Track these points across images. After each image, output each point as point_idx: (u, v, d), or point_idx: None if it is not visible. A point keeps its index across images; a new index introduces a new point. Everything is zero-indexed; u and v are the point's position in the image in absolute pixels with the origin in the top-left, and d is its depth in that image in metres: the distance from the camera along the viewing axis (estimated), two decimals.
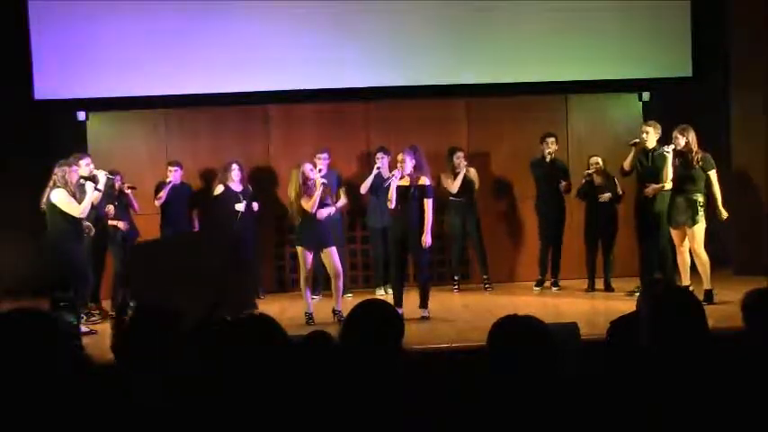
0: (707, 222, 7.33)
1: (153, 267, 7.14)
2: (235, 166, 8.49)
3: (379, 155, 8.52)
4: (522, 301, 8.06)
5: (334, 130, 9.23)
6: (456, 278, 8.96)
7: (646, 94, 9.38)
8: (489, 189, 9.32)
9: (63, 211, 7.03)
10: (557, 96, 9.37)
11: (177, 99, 8.87)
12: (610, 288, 8.33)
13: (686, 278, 7.46)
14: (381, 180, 8.12)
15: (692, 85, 9.06)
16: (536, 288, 8.67)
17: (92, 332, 6.99)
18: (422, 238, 7.18)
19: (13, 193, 8.66)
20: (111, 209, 8.04)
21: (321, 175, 7.49)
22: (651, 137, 7.73)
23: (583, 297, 8.17)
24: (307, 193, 7.24)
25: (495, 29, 9.00)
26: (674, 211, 7.42)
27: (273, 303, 8.30)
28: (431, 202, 7.23)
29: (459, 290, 8.85)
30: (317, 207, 7.24)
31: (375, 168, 8.48)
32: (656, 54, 9.03)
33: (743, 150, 9.18)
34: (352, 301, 7.67)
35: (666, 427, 2.47)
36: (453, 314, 7.55)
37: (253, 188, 8.71)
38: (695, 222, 7.27)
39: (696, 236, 7.28)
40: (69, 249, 7.09)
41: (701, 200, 7.30)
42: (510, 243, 9.44)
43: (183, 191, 8.71)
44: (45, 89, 8.68)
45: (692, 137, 7.33)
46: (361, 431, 2.46)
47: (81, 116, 9.04)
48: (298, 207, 7.28)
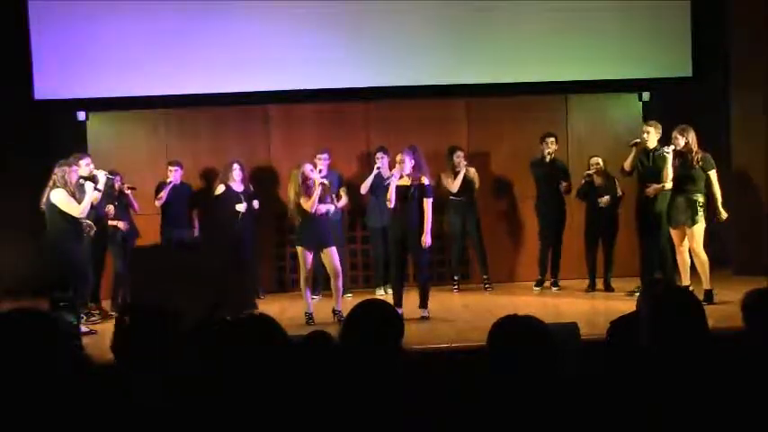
0: (707, 222, 7.34)
1: (153, 270, 7.14)
2: (236, 166, 8.49)
3: (379, 155, 8.52)
4: (522, 301, 8.06)
5: (334, 130, 9.23)
6: (456, 278, 8.96)
7: (646, 94, 9.38)
8: (489, 189, 9.32)
9: (63, 211, 7.02)
10: (557, 96, 9.37)
11: (177, 99, 8.87)
12: (610, 288, 8.34)
13: (686, 278, 7.46)
14: (381, 180, 8.12)
15: (692, 85, 9.05)
16: (536, 288, 8.67)
17: (92, 332, 6.99)
18: (421, 238, 7.18)
19: (13, 193, 8.66)
20: (111, 209, 8.04)
21: (321, 176, 7.49)
22: (652, 137, 7.72)
23: (583, 297, 8.17)
24: (306, 193, 7.24)
25: (496, 29, 9.00)
26: (673, 211, 7.41)
27: (273, 303, 8.30)
28: (430, 202, 7.23)
29: (459, 290, 8.85)
30: (316, 206, 7.24)
31: (375, 168, 8.48)
32: (656, 54, 9.02)
33: (743, 150, 9.18)
34: (352, 301, 7.67)
35: (666, 427, 2.47)
36: (453, 314, 7.55)
37: (253, 188, 8.72)
38: (695, 222, 7.27)
39: (696, 236, 7.28)
40: (69, 249, 7.08)
41: (700, 200, 7.30)
42: (510, 243, 9.44)
43: (184, 191, 8.71)
44: (45, 89, 8.68)
45: (691, 137, 7.33)
46: (361, 431, 2.46)
47: (81, 116, 9.05)
48: (297, 207, 7.28)
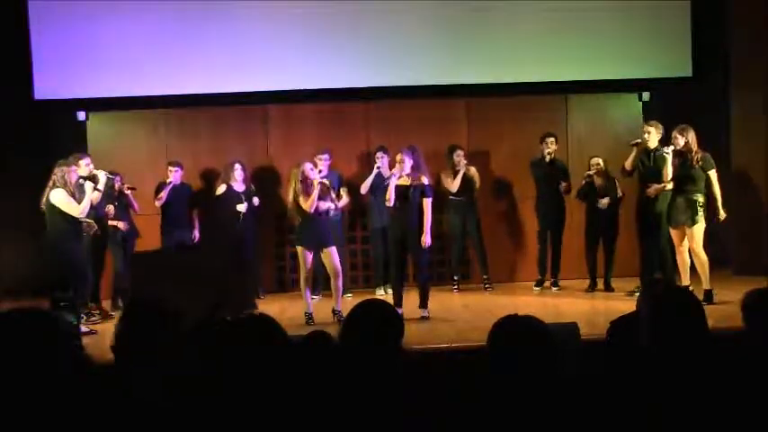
0: (707, 222, 7.33)
1: (154, 270, 7.14)
2: (238, 166, 8.49)
3: (380, 154, 8.52)
4: (522, 301, 8.05)
5: (334, 130, 9.23)
6: (456, 278, 8.95)
7: (646, 94, 9.38)
8: (489, 189, 9.31)
9: (62, 211, 7.02)
10: (557, 96, 9.37)
11: (177, 99, 8.87)
12: (610, 288, 8.34)
13: (686, 278, 7.46)
14: (382, 180, 8.12)
15: (692, 85, 9.05)
16: (536, 288, 8.67)
17: (92, 332, 6.99)
18: (421, 238, 7.18)
19: (13, 193, 8.66)
20: (111, 209, 8.05)
21: (321, 176, 7.49)
22: (653, 137, 7.72)
23: (583, 297, 8.17)
24: (305, 192, 7.24)
25: (496, 29, 8.99)
26: (673, 211, 7.41)
27: (273, 303, 8.30)
28: (430, 202, 7.23)
29: (459, 290, 8.85)
30: (314, 206, 7.24)
31: (375, 168, 8.48)
32: (656, 54, 9.02)
33: (743, 150, 9.18)
34: (352, 301, 7.66)
35: (666, 427, 2.47)
36: (453, 314, 7.55)
37: (254, 188, 8.72)
38: (695, 222, 7.26)
39: (695, 236, 7.28)
40: (69, 249, 7.08)
41: (700, 200, 7.29)
42: (510, 243, 9.44)
43: (184, 191, 8.70)
44: (45, 89, 8.68)
45: (691, 137, 7.33)
46: (361, 431, 2.46)
47: (81, 116, 9.04)
48: (296, 206, 7.28)
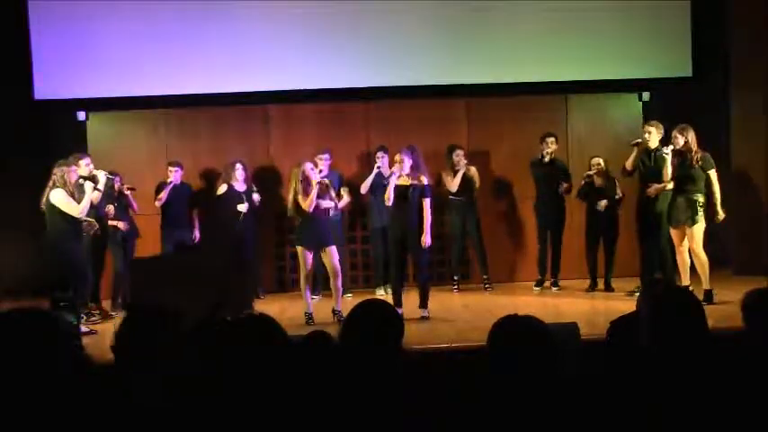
0: (706, 222, 7.33)
1: (154, 270, 7.14)
2: (239, 166, 8.49)
3: (380, 154, 8.51)
4: (522, 301, 8.05)
5: (335, 130, 9.23)
6: (456, 278, 8.95)
7: (646, 94, 9.38)
8: (489, 189, 9.32)
9: (62, 211, 7.02)
10: (557, 96, 9.37)
11: (177, 99, 8.87)
12: (610, 288, 8.34)
13: (686, 278, 7.45)
14: (382, 179, 8.12)
15: (692, 85, 9.05)
16: (536, 288, 8.67)
17: (92, 332, 6.99)
18: (421, 238, 7.18)
19: (13, 193, 8.65)
20: (111, 209, 8.05)
21: (322, 176, 7.48)
22: (653, 137, 7.71)
23: (583, 297, 8.17)
24: (305, 192, 7.24)
25: (496, 29, 9.00)
26: (674, 211, 7.41)
27: (273, 303, 8.30)
28: (429, 202, 7.23)
29: (459, 290, 8.85)
30: (314, 205, 7.24)
31: (375, 168, 8.47)
32: (656, 54, 9.02)
33: (743, 150, 9.18)
34: (352, 301, 7.66)
35: (666, 427, 2.47)
36: (453, 314, 7.55)
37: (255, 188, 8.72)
38: (695, 222, 7.26)
39: (695, 236, 7.28)
40: (69, 249, 7.08)
41: (701, 200, 7.29)
42: (510, 243, 9.44)
43: (184, 191, 8.70)
44: (45, 89, 8.68)
45: (691, 136, 7.33)
46: (360, 431, 2.46)
47: (81, 116, 9.05)
48: (295, 205, 7.27)
